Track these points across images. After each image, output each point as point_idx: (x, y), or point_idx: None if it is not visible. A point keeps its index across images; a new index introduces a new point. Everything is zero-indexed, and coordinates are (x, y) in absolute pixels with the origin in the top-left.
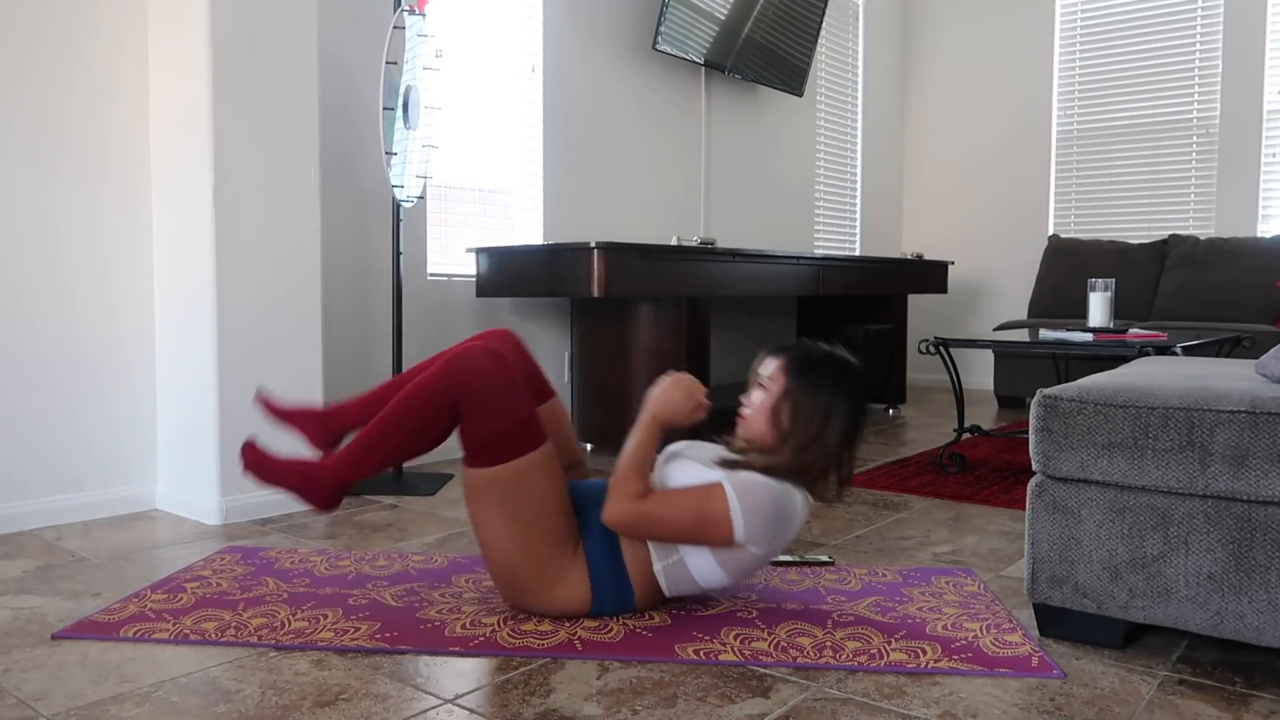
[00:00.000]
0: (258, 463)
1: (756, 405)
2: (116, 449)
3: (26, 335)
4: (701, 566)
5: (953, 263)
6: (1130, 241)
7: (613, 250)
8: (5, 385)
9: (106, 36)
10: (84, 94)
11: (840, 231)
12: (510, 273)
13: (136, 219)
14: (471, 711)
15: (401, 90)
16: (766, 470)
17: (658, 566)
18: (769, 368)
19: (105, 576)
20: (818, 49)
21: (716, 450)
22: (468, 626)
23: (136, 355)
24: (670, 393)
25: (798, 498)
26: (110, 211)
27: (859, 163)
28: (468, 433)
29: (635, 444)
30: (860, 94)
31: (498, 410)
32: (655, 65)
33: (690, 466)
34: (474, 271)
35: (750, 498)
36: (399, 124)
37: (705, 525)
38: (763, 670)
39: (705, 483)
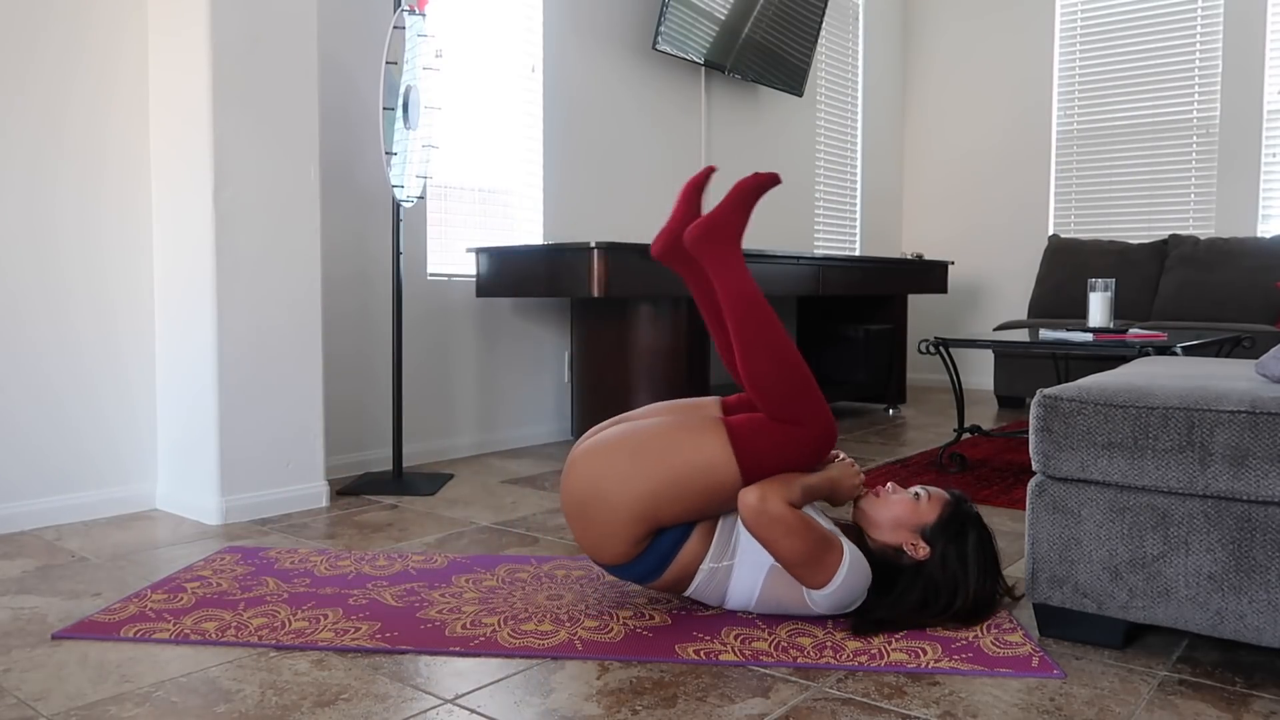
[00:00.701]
0: (752, 186)
1: (895, 499)
2: (117, 449)
3: (26, 335)
4: (742, 582)
5: (953, 263)
6: (1130, 241)
7: (613, 250)
8: (4, 385)
9: (106, 35)
10: (83, 93)
11: (840, 231)
12: (510, 273)
13: (136, 219)
14: (472, 711)
15: (401, 90)
16: (868, 549)
17: (706, 565)
18: (936, 491)
19: (105, 576)
20: (818, 49)
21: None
22: (468, 626)
23: (136, 355)
24: (850, 472)
25: (868, 582)
26: (109, 211)
27: (859, 163)
28: (774, 434)
29: (816, 480)
30: (860, 94)
31: (787, 457)
32: (655, 65)
33: (810, 509)
34: (474, 271)
35: (856, 572)
36: (399, 124)
37: (813, 564)
38: (763, 670)
39: (830, 533)
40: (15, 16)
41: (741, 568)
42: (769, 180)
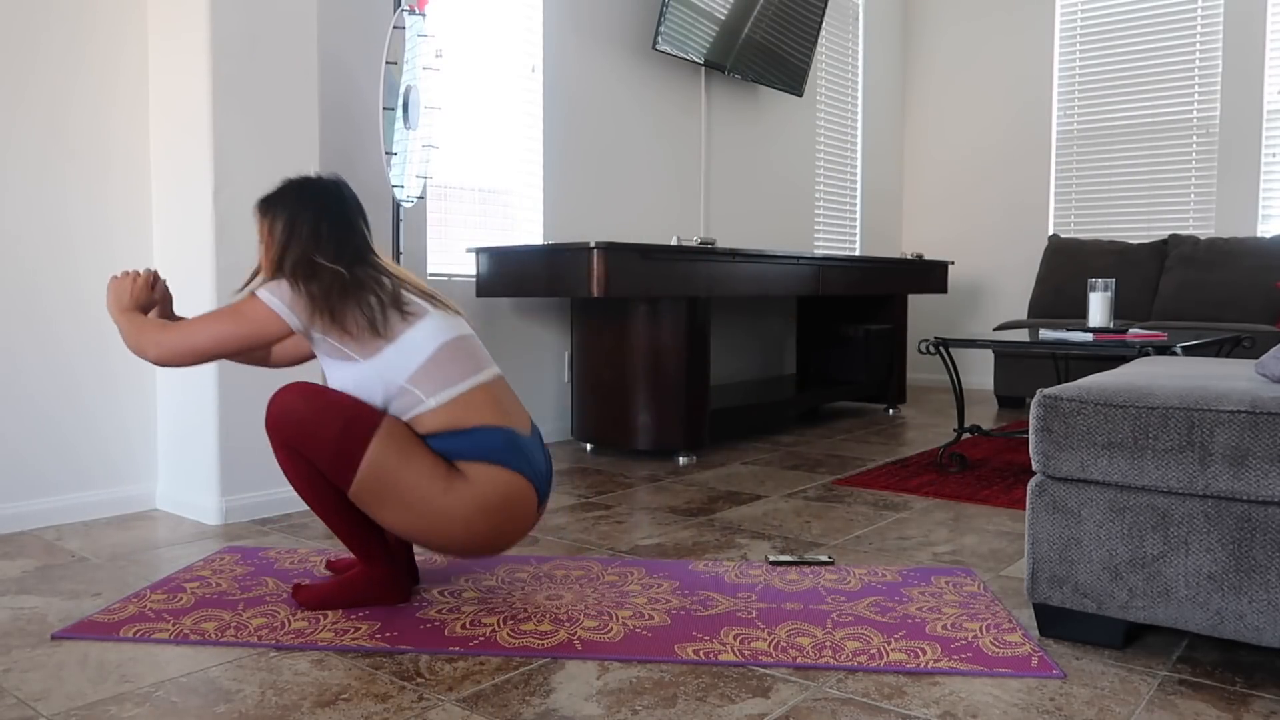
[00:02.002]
0: (317, 599)
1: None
2: (116, 449)
3: (29, 335)
4: (376, 372)
5: (953, 263)
6: (1130, 241)
7: (613, 250)
8: (6, 385)
9: (106, 38)
10: (86, 95)
11: (840, 231)
12: (510, 273)
13: (139, 220)
14: (471, 711)
15: (401, 90)
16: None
17: (427, 405)
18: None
19: (105, 576)
20: (818, 49)
21: None
22: (468, 626)
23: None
24: (118, 290)
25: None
26: (115, 212)
27: (859, 163)
28: (320, 461)
29: (129, 321)
30: (860, 94)
31: (317, 421)
32: (655, 65)
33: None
34: (474, 271)
35: (280, 288)
36: (399, 124)
37: (244, 318)
38: (763, 670)
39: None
40: (17, 21)
41: (392, 379)
42: (297, 592)
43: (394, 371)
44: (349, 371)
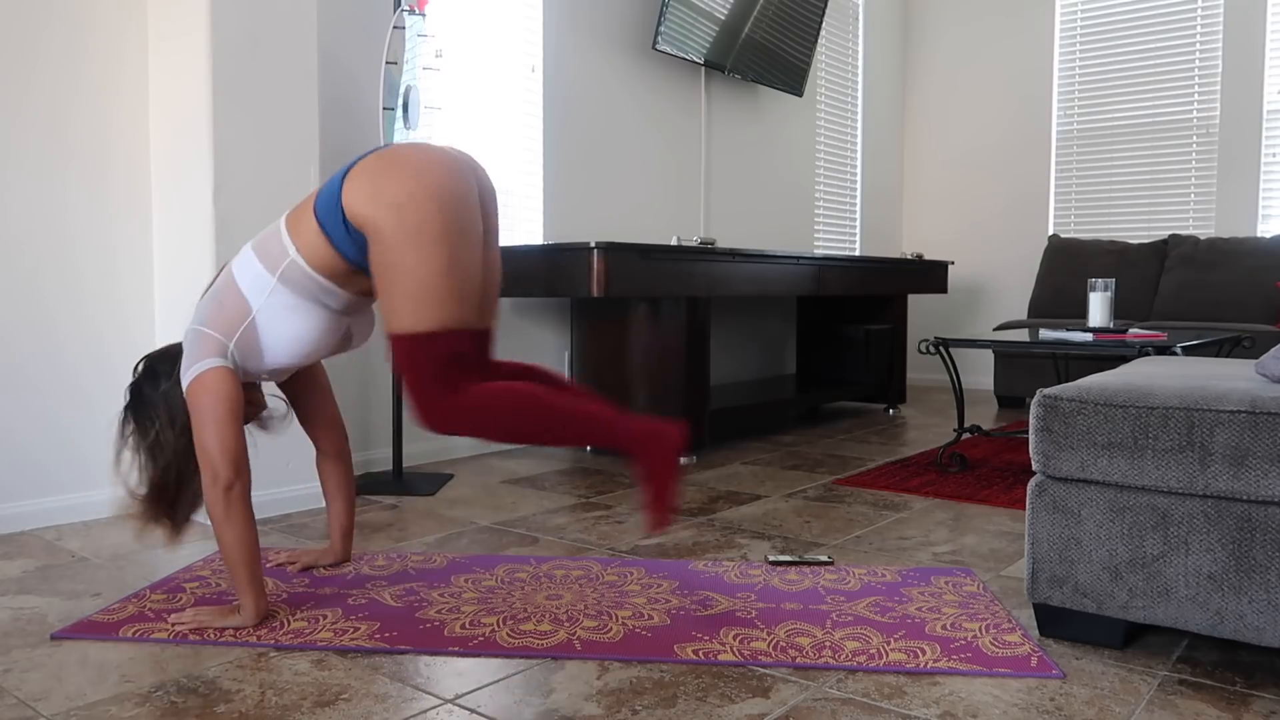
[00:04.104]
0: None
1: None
2: None
3: (30, 334)
4: (258, 309)
5: (953, 263)
6: (1130, 241)
7: (613, 250)
8: (7, 384)
9: (107, 37)
10: (86, 95)
11: (840, 231)
12: (510, 273)
13: (139, 219)
14: (472, 711)
15: (401, 90)
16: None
17: (298, 252)
18: None
19: (105, 576)
20: (818, 49)
21: None
22: (467, 626)
23: (138, 355)
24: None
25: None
26: (117, 213)
27: (859, 163)
28: (420, 384)
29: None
30: (860, 94)
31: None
32: (655, 65)
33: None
34: None
35: (185, 379)
36: (399, 124)
37: (205, 409)
38: (762, 670)
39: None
40: (17, 23)
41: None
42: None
43: (255, 292)
44: (262, 327)
